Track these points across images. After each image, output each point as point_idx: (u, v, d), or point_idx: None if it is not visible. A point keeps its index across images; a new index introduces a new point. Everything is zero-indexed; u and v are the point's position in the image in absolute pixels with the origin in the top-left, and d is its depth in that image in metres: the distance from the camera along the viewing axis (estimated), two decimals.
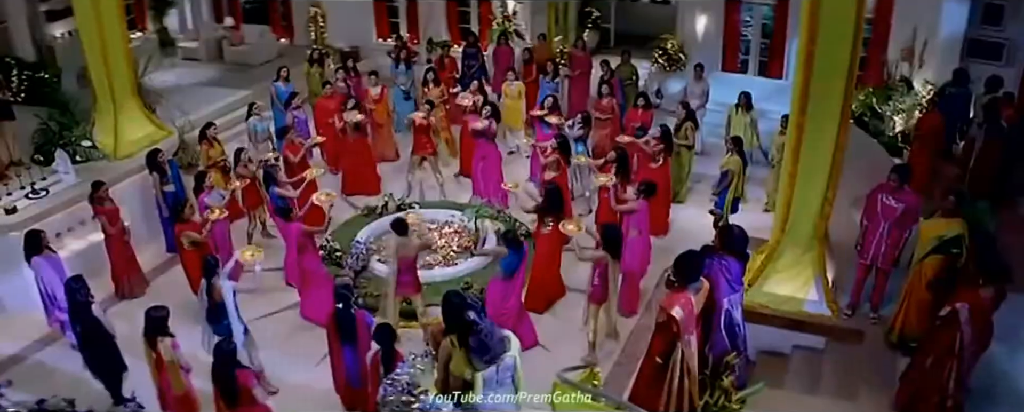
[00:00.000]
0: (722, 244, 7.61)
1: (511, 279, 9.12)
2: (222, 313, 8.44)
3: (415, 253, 9.34)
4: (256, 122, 12.68)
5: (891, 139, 13.27)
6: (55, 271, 9.25)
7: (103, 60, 11.31)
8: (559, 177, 11.42)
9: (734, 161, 11.18)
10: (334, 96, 13.62)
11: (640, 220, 10.06)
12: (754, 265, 9.31)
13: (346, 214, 12.57)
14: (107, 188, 10.25)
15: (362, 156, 13.15)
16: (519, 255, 9.02)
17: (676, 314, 6.88)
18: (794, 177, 8.59)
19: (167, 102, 13.55)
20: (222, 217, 10.27)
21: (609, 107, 13.46)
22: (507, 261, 9.03)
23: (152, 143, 11.98)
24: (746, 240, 7.65)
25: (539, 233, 10.16)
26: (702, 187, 13.24)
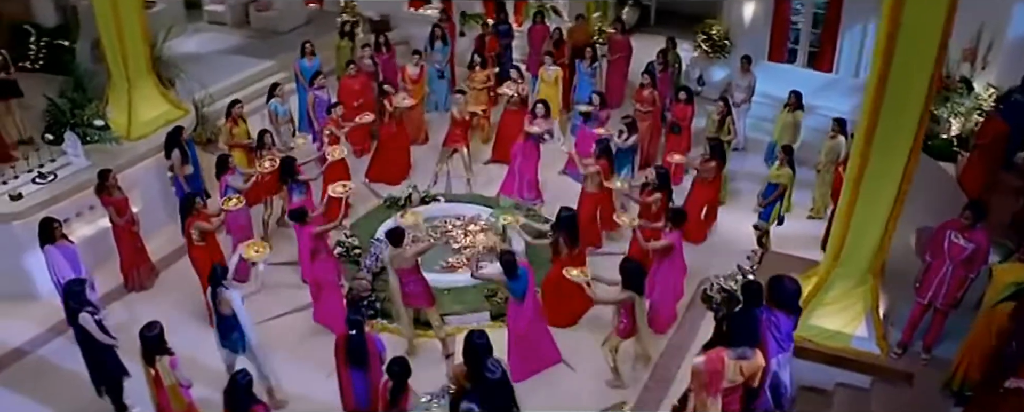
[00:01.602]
0: (771, 297, 6.93)
1: (522, 301, 8.55)
2: (231, 326, 7.96)
3: (412, 262, 8.76)
4: (277, 104, 12.08)
5: (943, 142, 12.44)
6: (69, 261, 8.79)
7: (117, 36, 10.68)
8: (602, 194, 10.77)
9: (785, 174, 10.45)
10: (358, 76, 12.96)
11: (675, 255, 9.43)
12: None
13: (368, 204, 12.03)
14: (115, 176, 9.73)
15: (398, 142, 12.53)
16: (521, 280, 8.44)
17: (695, 363, 6.27)
18: (853, 205, 7.86)
19: (186, 75, 12.94)
20: (239, 206, 9.73)
21: (650, 99, 12.68)
22: (512, 286, 8.46)
23: (167, 123, 11.39)
24: (798, 293, 6.98)
25: (556, 259, 9.54)
26: (740, 187, 12.51)
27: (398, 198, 11.68)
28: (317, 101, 12.53)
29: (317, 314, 9.64)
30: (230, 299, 7.82)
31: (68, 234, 10.06)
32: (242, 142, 11.32)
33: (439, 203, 11.66)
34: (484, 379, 6.61)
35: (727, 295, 9.81)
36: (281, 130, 12.15)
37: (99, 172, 9.66)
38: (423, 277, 8.92)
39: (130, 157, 10.82)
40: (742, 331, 6.43)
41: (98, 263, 10.22)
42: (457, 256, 10.66)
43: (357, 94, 12.85)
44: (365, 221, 11.34)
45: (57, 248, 8.69)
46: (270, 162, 10.38)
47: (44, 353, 9.27)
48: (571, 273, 8.57)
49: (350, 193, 9.69)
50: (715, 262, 10.70)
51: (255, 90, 14.79)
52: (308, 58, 13.38)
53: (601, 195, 10.84)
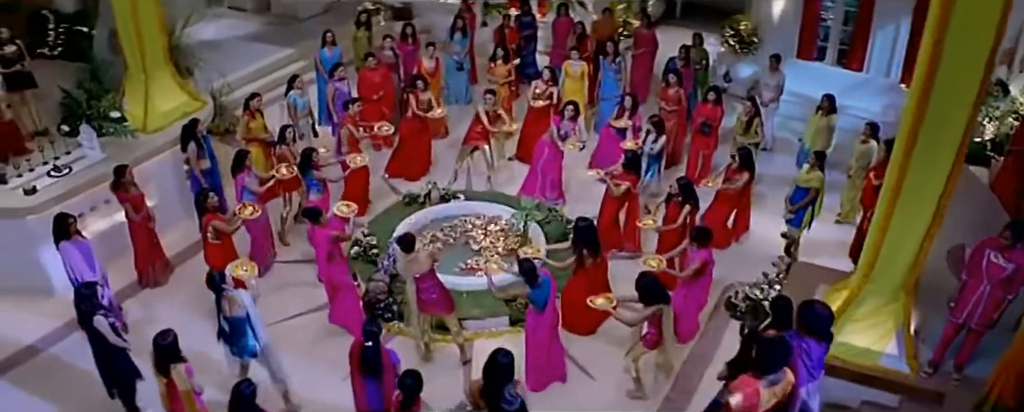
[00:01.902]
0: (802, 323, 6.68)
1: (542, 311, 8.33)
2: (240, 330, 7.79)
3: (428, 267, 8.56)
4: (296, 96, 11.86)
5: (976, 146, 12.07)
6: (84, 258, 8.66)
7: (134, 26, 10.49)
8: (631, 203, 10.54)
9: (816, 177, 10.15)
10: (379, 68, 12.71)
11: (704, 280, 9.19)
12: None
13: (387, 200, 11.83)
14: (132, 172, 9.57)
15: (420, 137, 12.30)
16: (543, 288, 8.20)
17: (734, 404, 6.04)
18: (889, 220, 7.58)
19: (205, 64, 12.75)
20: (255, 215, 9.59)
21: (676, 98, 12.38)
22: (533, 294, 8.22)
23: (184, 115, 11.21)
24: (831, 320, 6.72)
25: (577, 270, 9.31)
26: (766, 190, 12.20)
27: (417, 195, 11.48)
28: (337, 93, 12.30)
29: (333, 315, 9.49)
30: (240, 300, 7.65)
31: (83, 229, 9.97)
32: (259, 136, 11.14)
33: (459, 201, 11.43)
34: (501, 410, 6.41)
35: (752, 304, 9.60)
36: (300, 123, 11.94)
37: (115, 168, 9.50)
38: (441, 283, 8.73)
39: (146, 150, 10.65)
40: (773, 360, 6.18)
41: (112, 258, 10.04)
42: (476, 257, 10.44)
43: (377, 87, 12.60)
44: (384, 218, 11.15)
45: (72, 244, 8.56)
46: (287, 169, 10.18)
47: (56, 351, 9.16)
48: (596, 302, 8.33)
49: (354, 213, 9.49)
50: (739, 268, 10.47)
51: (275, 79, 14.52)
52: (329, 48, 13.14)
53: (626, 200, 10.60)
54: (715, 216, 10.56)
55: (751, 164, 10.41)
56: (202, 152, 10.47)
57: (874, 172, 10.54)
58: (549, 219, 10.93)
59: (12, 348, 9.18)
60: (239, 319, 7.69)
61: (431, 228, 11.00)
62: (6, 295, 9.68)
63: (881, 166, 10.46)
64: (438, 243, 10.55)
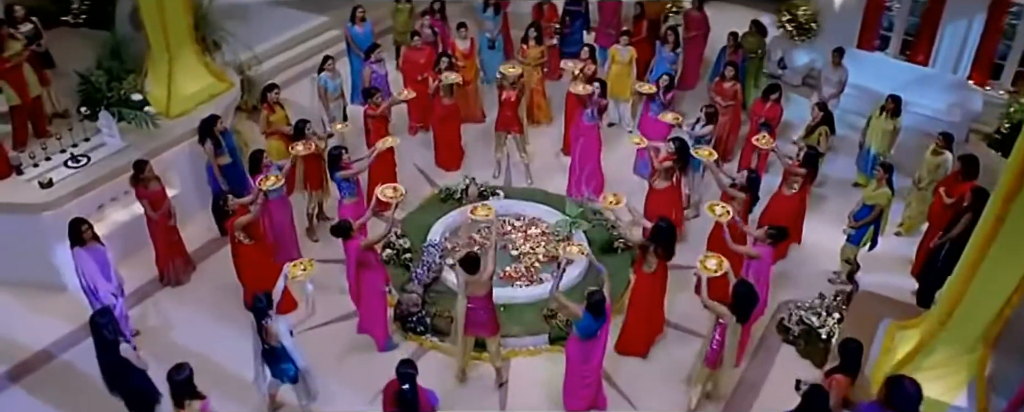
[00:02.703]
0: (888, 400, 6.08)
1: (590, 340, 7.76)
2: (280, 356, 7.30)
3: (487, 288, 7.98)
4: (327, 78, 11.16)
5: None
6: (97, 264, 8.14)
7: (157, 3, 9.79)
8: (671, 189, 9.81)
9: (883, 195, 9.39)
10: (423, 48, 11.96)
11: (761, 269, 8.48)
12: (892, 350, 7.81)
13: (421, 193, 11.20)
14: (151, 167, 8.97)
15: (450, 125, 11.58)
16: (599, 323, 7.60)
17: None
18: (975, 269, 6.90)
19: (232, 37, 12.06)
20: (279, 185, 8.87)
21: (732, 92, 11.55)
22: (583, 325, 7.61)
23: (210, 98, 10.61)
24: (920, 399, 6.11)
25: (640, 270, 8.67)
26: (825, 193, 11.47)
27: (454, 191, 10.84)
28: (374, 76, 11.59)
29: (361, 324, 8.97)
30: (278, 332, 7.14)
31: (102, 220, 9.54)
32: (281, 129, 10.46)
33: (498, 198, 10.79)
34: None
35: (806, 328, 8.99)
36: (331, 106, 11.28)
37: (135, 163, 8.92)
38: (493, 304, 8.16)
39: (169, 138, 10.04)
40: None
41: (132, 251, 9.64)
42: (515, 264, 9.83)
43: (421, 68, 11.84)
44: (418, 215, 10.53)
45: (86, 251, 8.03)
46: (304, 146, 9.56)
47: (70, 357, 8.69)
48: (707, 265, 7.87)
49: (401, 198, 8.78)
50: (791, 284, 9.88)
51: (306, 49, 13.95)
52: (358, 24, 12.40)
53: (671, 193, 9.90)
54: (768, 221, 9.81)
55: (814, 163, 9.66)
56: (220, 150, 9.84)
57: (944, 187, 9.81)
58: (594, 223, 10.26)
59: (26, 352, 8.75)
60: (277, 348, 7.18)
61: (468, 228, 10.39)
62: (20, 293, 9.26)
63: (953, 181, 9.78)
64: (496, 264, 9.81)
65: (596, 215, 10.47)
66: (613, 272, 9.51)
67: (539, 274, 9.69)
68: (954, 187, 9.66)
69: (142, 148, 9.69)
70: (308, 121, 10.01)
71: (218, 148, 9.77)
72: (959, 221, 9.07)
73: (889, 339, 7.99)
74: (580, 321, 7.61)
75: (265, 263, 8.88)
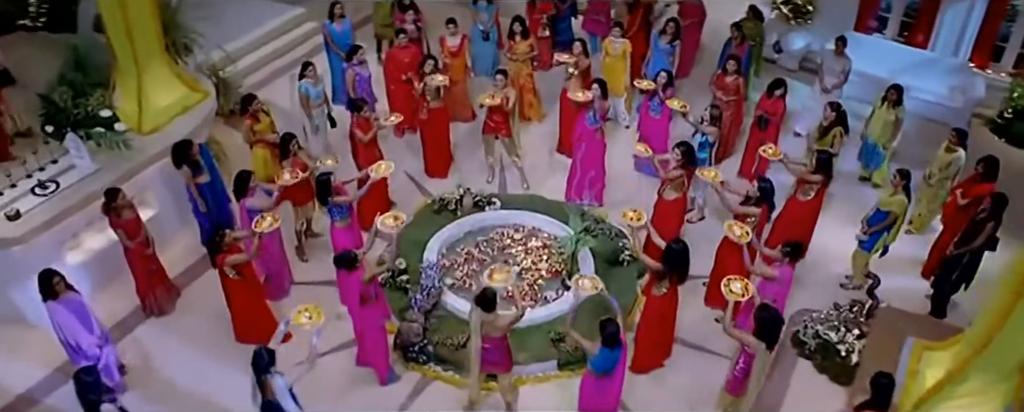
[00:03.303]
0: None
1: (603, 377, 7.35)
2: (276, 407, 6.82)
3: (504, 331, 7.53)
4: (309, 85, 10.49)
5: None
6: (76, 315, 7.56)
7: (121, 14, 9.05)
8: (681, 199, 9.37)
9: (899, 202, 9.02)
10: (409, 47, 11.30)
11: (780, 291, 8.10)
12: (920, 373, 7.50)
13: (413, 202, 10.66)
14: (123, 195, 8.34)
15: (438, 130, 10.99)
16: (615, 354, 7.18)
17: None
18: (1016, 301, 6.55)
19: (203, 38, 11.33)
20: (274, 227, 8.28)
21: (734, 87, 11.06)
22: (599, 361, 7.20)
23: (184, 110, 9.94)
24: None
25: (650, 292, 8.26)
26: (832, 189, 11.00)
27: (448, 201, 10.31)
28: (358, 79, 10.95)
29: (361, 355, 8.50)
30: (275, 388, 6.65)
31: (76, 247, 8.94)
32: (267, 138, 9.85)
33: (495, 208, 10.28)
34: None
35: (822, 342, 8.66)
36: (314, 114, 10.64)
37: (106, 192, 8.29)
38: (508, 344, 7.72)
39: (143, 157, 9.36)
40: None
41: (113, 278, 9.12)
42: (519, 282, 9.33)
43: (405, 67, 11.21)
44: (412, 231, 9.92)
45: (62, 303, 7.42)
46: (291, 173, 8.96)
47: (52, 401, 8.16)
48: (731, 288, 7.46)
49: (401, 226, 8.25)
50: (802, 289, 9.48)
51: (283, 45, 13.21)
52: (337, 21, 11.69)
53: (680, 203, 9.49)
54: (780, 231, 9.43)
55: (829, 168, 9.23)
56: (198, 170, 9.20)
57: (961, 188, 9.47)
58: (595, 233, 9.80)
59: (7, 396, 8.18)
60: (274, 402, 6.69)
61: (465, 242, 9.89)
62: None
63: (970, 183, 9.43)
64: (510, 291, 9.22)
65: (599, 224, 10.02)
66: (620, 285, 9.29)
67: (543, 292, 9.23)
68: (971, 188, 9.33)
69: (115, 170, 9.06)
70: (294, 135, 9.39)
71: (196, 170, 9.14)
72: (979, 229, 8.75)
73: (915, 360, 7.70)
74: (595, 357, 7.19)
75: (255, 298, 8.38)
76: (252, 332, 8.47)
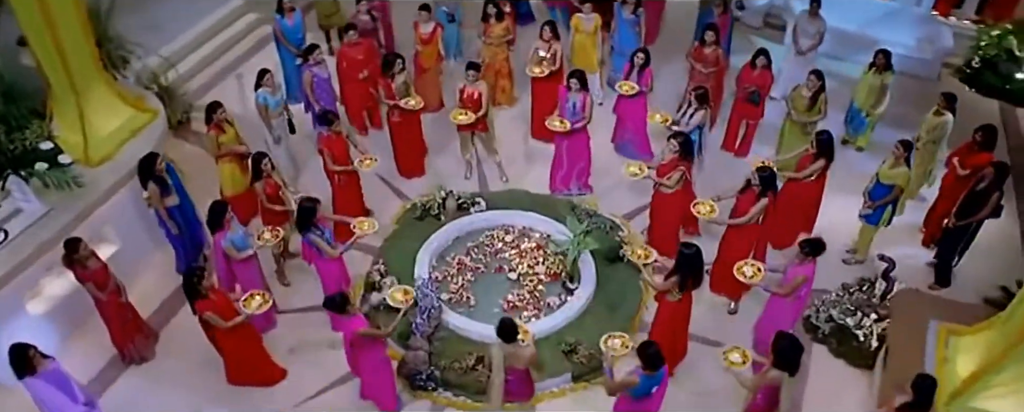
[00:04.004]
0: None
1: (644, 399, 6.99)
2: None
3: (528, 363, 7.09)
4: (267, 95, 9.65)
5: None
6: (58, 387, 6.78)
7: (50, 36, 8.08)
8: (681, 192, 8.95)
9: (902, 174, 8.76)
10: (361, 42, 10.51)
11: (806, 289, 7.79)
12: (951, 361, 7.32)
13: (390, 209, 10.04)
14: (85, 245, 7.54)
15: (411, 130, 10.35)
16: (655, 379, 6.77)
17: None
18: None
19: (141, 48, 10.38)
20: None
21: (713, 58, 10.64)
22: (640, 389, 6.80)
23: (133, 133, 9.08)
24: None
25: (664, 299, 7.88)
26: None
27: (429, 206, 9.73)
28: (316, 80, 10.16)
29: (365, 389, 7.97)
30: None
31: (37, 295, 8.24)
32: (234, 149, 9.10)
33: (480, 208, 9.73)
34: None
35: (836, 326, 8.47)
36: (274, 123, 9.85)
37: (66, 243, 7.48)
38: (530, 376, 7.33)
39: (97, 191, 8.52)
40: None
41: (81, 324, 8.44)
42: (518, 289, 8.89)
43: (360, 64, 10.45)
44: (397, 242, 9.39)
45: (40, 378, 6.67)
46: (272, 233, 8.32)
47: None
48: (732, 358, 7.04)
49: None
50: None
51: (224, 42, 12.28)
52: (287, 15, 10.81)
53: (681, 195, 9.01)
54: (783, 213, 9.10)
55: (830, 150, 8.90)
56: (166, 189, 8.46)
57: (958, 157, 9.26)
58: (591, 227, 9.33)
59: None
60: None
61: (455, 249, 9.36)
62: None
63: (967, 151, 9.23)
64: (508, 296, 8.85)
65: (592, 218, 9.58)
66: (622, 282, 8.93)
67: (545, 299, 8.79)
68: (969, 157, 9.13)
69: (68, 210, 8.25)
70: (265, 154, 8.65)
71: (164, 189, 8.39)
72: (979, 199, 8.60)
73: (942, 346, 7.51)
74: (637, 387, 6.79)
75: (247, 342, 7.77)
76: (250, 375, 7.91)
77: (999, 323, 7.10)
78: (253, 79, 10.57)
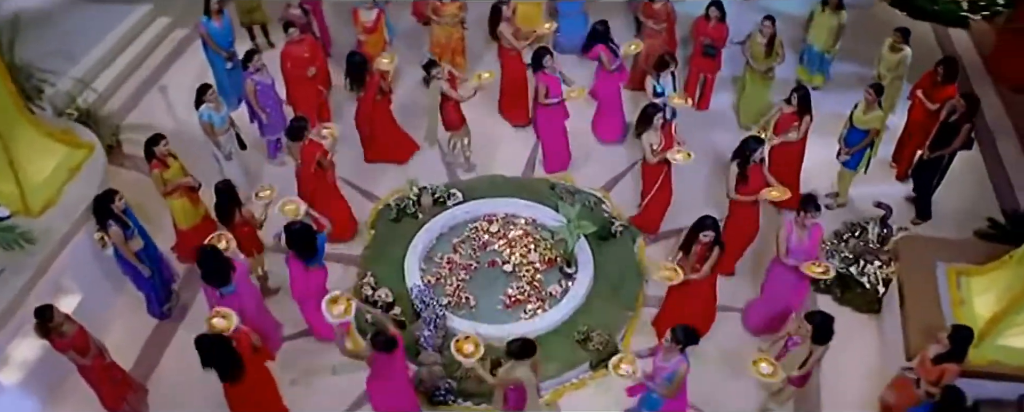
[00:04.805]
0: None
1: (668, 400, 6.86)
2: None
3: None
4: (211, 112, 8.85)
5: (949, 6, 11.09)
6: None
7: None
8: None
9: (876, 118, 8.80)
10: (303, 39, 9.80)
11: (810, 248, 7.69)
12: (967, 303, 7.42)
13: (361, 211, 9.48)
14: (57, 311, 6.81)
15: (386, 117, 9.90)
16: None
17: None
18: None
19: (55, 75, 9.42)
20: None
21: (663, 13, 10.42)
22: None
23: (71, 172, 8.25)
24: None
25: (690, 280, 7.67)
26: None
27: (403, 205, 9.25)
28: (259, 88, 9.39)
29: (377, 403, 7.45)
30: None
31: (8, 365, 7.54)
32: (181, 183, 8.34)
33: (456, 200, 9.30)
34: None
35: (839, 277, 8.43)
36: (222, 141, 9.10)
37: (37, 312, 6.72)
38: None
39: (49, 243, 7.69)
40: None
41: (59, 386, 7.72)
42: (516, 282, 8.57)
43: (307, 62, 9.77)
44: (380, 250, 8.89)
45: None
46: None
47: None
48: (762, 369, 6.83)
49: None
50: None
51: (138, 53, 11.34)
52: (215, 17, 9.97)
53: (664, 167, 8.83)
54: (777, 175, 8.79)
55: (809, 105, 8.80)
56: (129, 232, 7.73)
57: (922, 90, 9.33)
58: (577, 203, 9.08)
59: None
60: None
61: (441, 248, 8.96)
62: None
63: (931, 84, 9.28)
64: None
65: (576, 195, 9.34)
66: (619, 259, 8.75)
67: (546, 287, 8.51)
68: (935, 91, 9.20)
69: (23, 269, 7.46)
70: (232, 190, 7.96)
71: (126, 230, 7.66)
72: (951, 131, 8.72)
73: (954, 288, 7.61)
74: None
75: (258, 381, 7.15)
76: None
77: (1013, 262, 7.20)
78: (177, 91, 9.92)
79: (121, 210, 7.69)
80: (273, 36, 11.66)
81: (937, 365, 6.70)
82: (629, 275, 8.68)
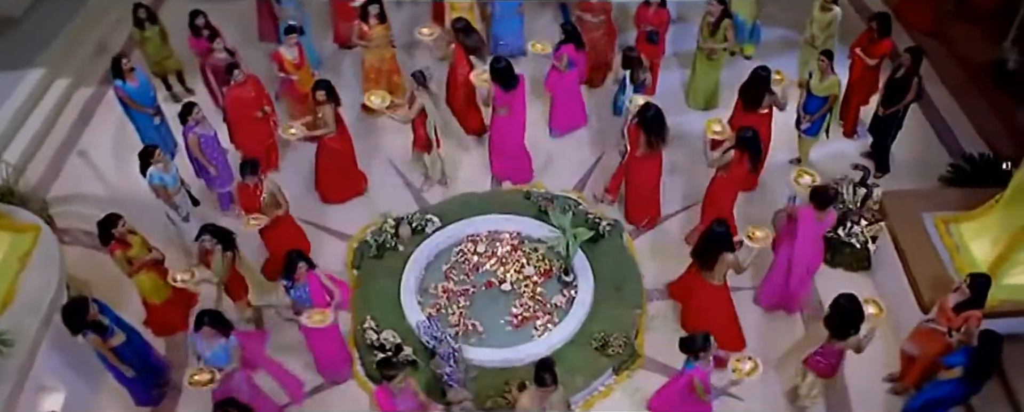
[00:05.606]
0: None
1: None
2: None
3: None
4: (160, 174, 8.17)
5: None
6: None
7: None
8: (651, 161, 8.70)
9: (833, 83, 9.02)
10: (247, 80, 9.19)
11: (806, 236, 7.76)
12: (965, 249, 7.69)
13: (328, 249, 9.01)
14: None
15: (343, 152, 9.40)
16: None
17: None
18: None
19: None
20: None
21: (601, 7, 10.34)
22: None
23: (20, 261, 7.44)
24: None
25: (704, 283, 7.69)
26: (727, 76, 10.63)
27: (382, 239, 8.80)
28: (203, 141, 8.73)
29: None
30: None
31: None
32: (144, 259, 7.71)
33: (435, 226, 8.94)
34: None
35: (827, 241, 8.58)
36: (177, 201, 8.43)
37: None
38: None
39: (22, 348, 6.92)
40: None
41: None
42: (517, 299, 8.32)
43: (254, 103, 9.24)
44: (369, 291, 8.42)
45: None
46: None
47: None
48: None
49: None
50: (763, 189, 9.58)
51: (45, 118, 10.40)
52: (128, 77, 9.19)
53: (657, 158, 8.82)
54: None
55: (767, 83, 8.83)
56: (109, 333, 7.04)
57: (860, 48, 9.64)
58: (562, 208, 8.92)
59: None
60: None
61: (433, 277, 8.60)
62: None
63: (867, 41, 9.59)
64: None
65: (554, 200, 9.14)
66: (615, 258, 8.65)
67: (549, 300, 8.31)
68: (871, 47, 9.52)
69: (6, 378, 6.73)
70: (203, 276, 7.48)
71: (104, 333, 6.95)
72: (901, 85, 9.00)
73: (946, 235, 7.89)
74: None
75: None
76: None
77: (1000, 206, 7.50)
78: (99, 153, 9.27)
79: (96, 316, 6.95)
80: (189, 82, 10.92)
81: (959, 313, 6.91)
82: (628, 273, 8.58)
